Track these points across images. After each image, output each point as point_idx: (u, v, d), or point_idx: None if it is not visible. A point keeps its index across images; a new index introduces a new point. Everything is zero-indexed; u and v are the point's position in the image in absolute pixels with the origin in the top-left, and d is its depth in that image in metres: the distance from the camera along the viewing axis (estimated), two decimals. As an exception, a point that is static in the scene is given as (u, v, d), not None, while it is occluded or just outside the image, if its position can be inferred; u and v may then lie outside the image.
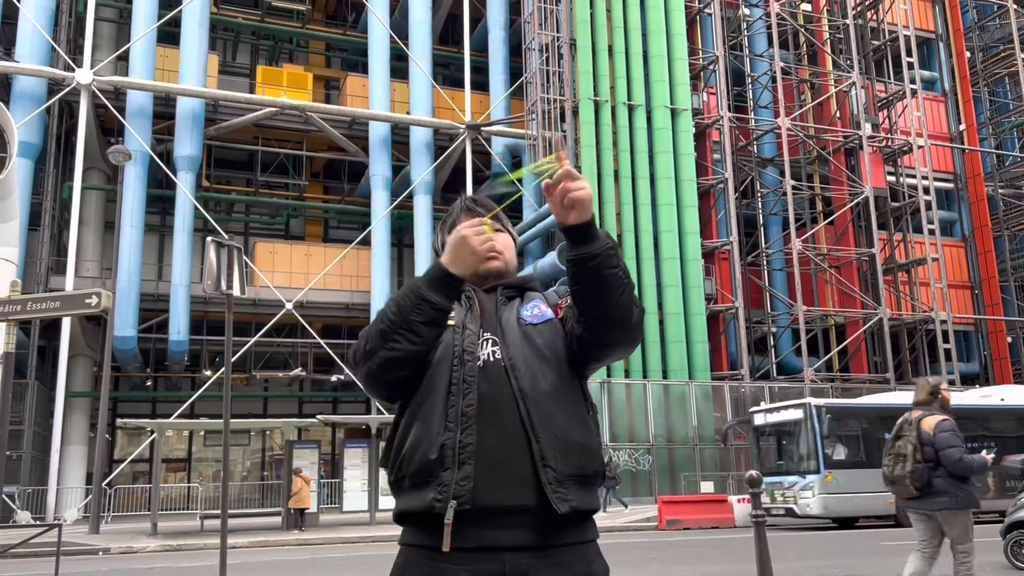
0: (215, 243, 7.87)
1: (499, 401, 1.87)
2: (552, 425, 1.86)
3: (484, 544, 1.80)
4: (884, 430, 16.90)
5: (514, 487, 1.81)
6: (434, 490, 1.81)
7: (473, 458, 1.81)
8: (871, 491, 16.45)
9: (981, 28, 36.65)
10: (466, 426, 1.83)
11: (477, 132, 27.57)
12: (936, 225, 29.98)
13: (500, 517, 1.80)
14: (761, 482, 6.73)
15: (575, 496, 1.84)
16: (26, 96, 23.17)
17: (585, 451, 1.89)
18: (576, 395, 1.96)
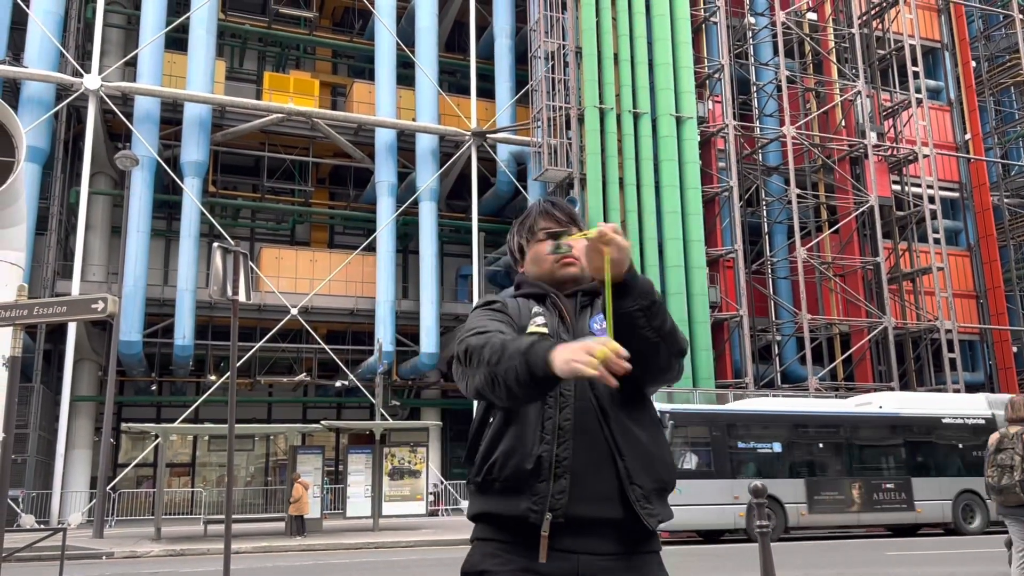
0: (221, 249, 7.91)
1: (587, 416, 1.92)
2: (635, 442, 1.92)
3: (563, 548, 1.86)
4: (737, 439, 16.73)
5: (600, 501, 1.87)
6: (528, 500, 1.85)
7: (568, 472, 1.86)
8: (721, 503, 15.99)
9: (987, 38, 36.64)
10: (563, 440, 1.88)
11: (483, 139, 27.63)
12: (941, 234, 29.94)
13: (582, 527, 1.87)
14: (764, 492, 6.73)
15: (659, 509, 1.93)
16: (34, 101, 23.30)
17: (664, 465, 1.98)
18: (648, 409, 2.02)
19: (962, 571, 10.71)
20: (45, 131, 23.44)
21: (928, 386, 29.27)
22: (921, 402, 19.81)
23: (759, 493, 6.66)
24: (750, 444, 16.93)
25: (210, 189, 28.33)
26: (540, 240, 2.18)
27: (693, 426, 16.97)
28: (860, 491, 17.50)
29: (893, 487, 17.66)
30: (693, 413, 17.78)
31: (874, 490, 17.54)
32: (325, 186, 32.71)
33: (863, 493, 17.43)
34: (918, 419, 18.63)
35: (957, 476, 18.06)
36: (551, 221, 2.18)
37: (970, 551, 13.94)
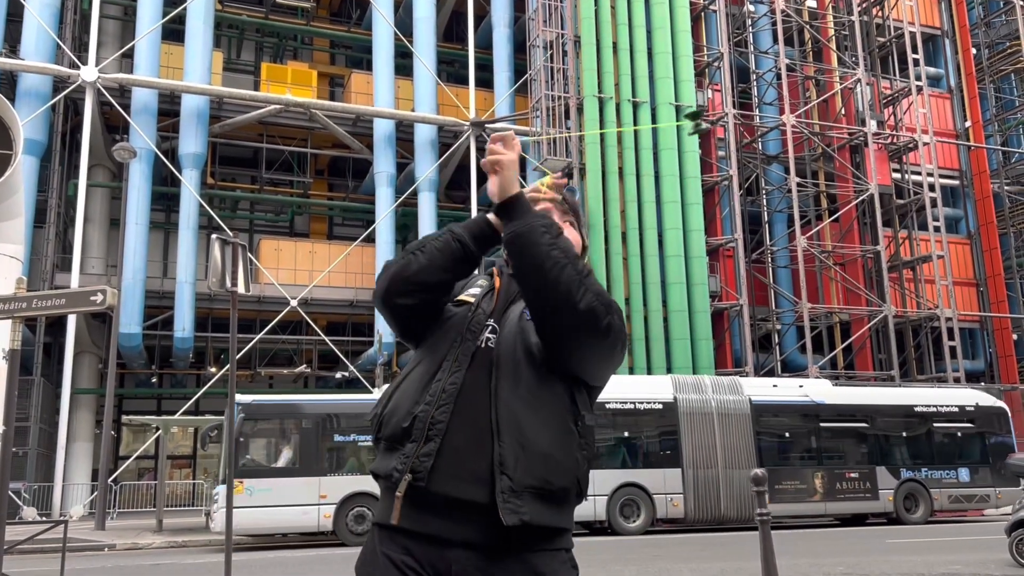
0: (219, 240, 7.88)
1: (478, 391, 1.83)
2: (518, 431, 1.77)
3: (432, 532, 1.77)
4: (330, 432, 15.34)
5: (469, 482, 1.76)
6: (397, 459, 1.81)
7: (440, 437, 1.78)
8: (301, 504, 14.74)
9: (987, 24, 36.50)
10: (443, 404, 1.81)
11: (481, 129, 27.55)
12: (941, 222, 29.91)
13: (450, 509, 1.77)
14: (764, 481, 6.72)
15: (530, 510, 1.74)
16: (31, 94, 23.22)
17: (552, 464, 1.78)
18: (560, 402, 1.84)
19: (963, 558, 10.73)
20: (42, 124, 23.36)
21: (928, 374, 29.30)
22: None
23: (760, 481, 6.65)
24: (349, 437, 15.56)
25: (208, 181, 28.26)
26: None
27: (271, 419, 15.62)
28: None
29: None
30: (264, 405, 15.92)
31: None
32: (324, 177, 32.65)
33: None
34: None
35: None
36: (556, 201, 2.16)
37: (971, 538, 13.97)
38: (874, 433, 18.29)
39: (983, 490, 18.53)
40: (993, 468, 18.63)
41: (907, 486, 17.96)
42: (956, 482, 18.40)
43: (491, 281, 2.05)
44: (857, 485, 17.66)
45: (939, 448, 18.67)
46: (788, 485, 17.16)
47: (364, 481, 14.98)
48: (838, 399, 18.43)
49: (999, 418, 19.33)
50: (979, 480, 18.59)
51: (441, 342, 1.91)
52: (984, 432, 19.07)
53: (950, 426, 18.87)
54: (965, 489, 18.38)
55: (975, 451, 18.93)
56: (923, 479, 18.13)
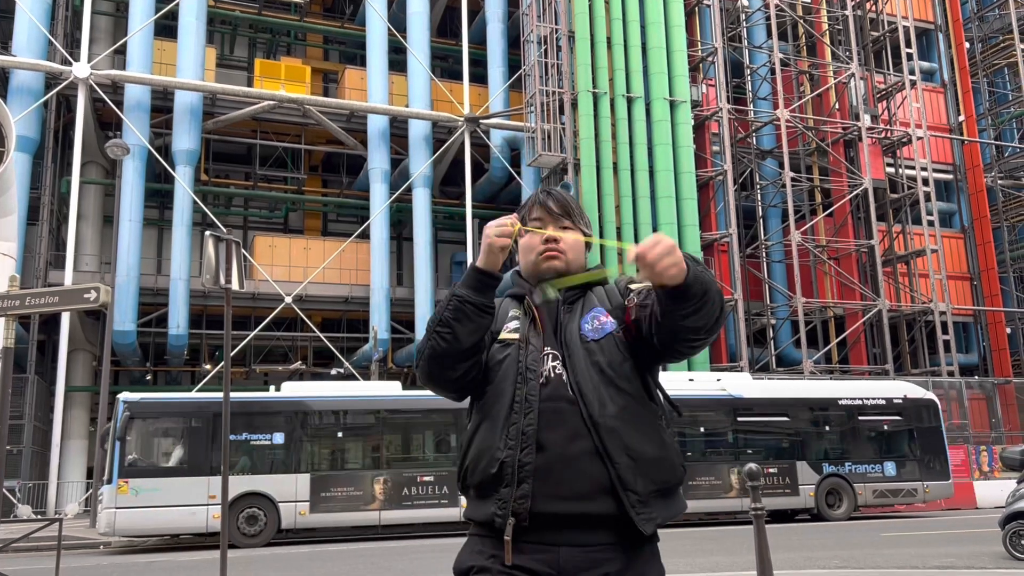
0: (213, 237, 7.85)
1: (562, 418, 1.91)
2: (626, 448, 1.88)
3: (542, 541, 1.88)
4: (214, 431, 14.82)
5: (574, 500, 1.86)
6: (495, 504, 1.90)
7: (531, 477, 1.87)
8: (190, 504, 14.32)
9: (980, 18, 36.56)
10: (526, 445, 1.89)
11: (476, 125, 27.52)
12: (935, 216, 29.98)
13: (558, 522, 1.87)
14: (760, 475, 6.74)
15: (659, 511, 1.90)
16: (23, 90, 23.12)
17: (663, 465, 1.93)
18: (646, 408, 1.97)
19: (957, 551, 10.77)
20: (35, 120, 23.27)
21: (922, 368, 29.40)
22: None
23: (754, 476, 6.67)
24: (241, 436, 15.07)
25: (202, 177, 28.19)
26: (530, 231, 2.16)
27: (158, 418, 15.20)
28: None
29: None
30: (157, 402, 15.60)
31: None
32: (318, 173, 32.58)
33: (388, 488, 15.49)
34: None
35: None
36: (543, 211, 2.13)
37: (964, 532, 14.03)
38: (795, 427, 17.80)
39: (910, 484, 18.03)
40: (921, 462, 18.23)
41: (829, 481, 17.45)
42: (881, 476, 17.89)
43: (527, 311, 2.07)
44: (776, 481, 17.11)
45: (864, 442, 18.17)
46: (702, 481, 16.62)
47: (256, 481, 14.86)
48: (757, 393, 17.91)
49: (929, 411, 18.76)
50: (906, 474, 18.08)
51: (503, 384, 1.98)
52: (913, 425, 18.54)
53: (876, 419, 18.38)
54: (891, 484, 17.88)
55: (903, 444, 18.46)
56: (846, 474, 17.62)
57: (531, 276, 2.12)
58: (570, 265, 2.09)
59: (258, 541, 14.63)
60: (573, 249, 2.10)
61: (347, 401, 16.13)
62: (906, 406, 18.63)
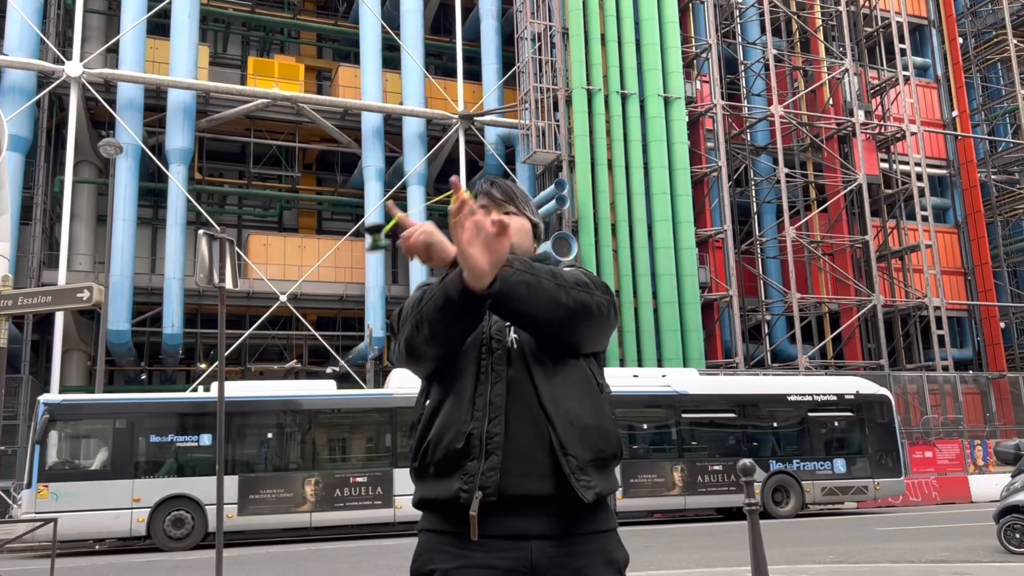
0: (207, 236, 7.83)
1: (523, 388, 1.86)
2: (565, 412, 1.84)
3: (510, 532, 1.79)
4: (148, 431, 14.70)
5: (539, 476, 1.80)
6: (460, 480, 1.79)
7: (500, 448, 1.79)
8: (113, 508, 14.05)
9: (973, 14, 36.62)
10: (494, 416, 1.82)
11: (470, 122, 27.49)
12: (929, 211, 30.04)
13: (526, 506, 1.80)
14: (753, 471, 6.75)
15: (597, 481, 1.84)
16: (15, 90, 23.02)
17: (601, 433, 1.88)
18: (585, 378, 1.92)
19: (952, 545, 10.80)
20: (27, 120, 23.18)
21: (917, 363, 29.48)
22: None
23: (748, 472, 6.68)
24: (167, 438, 14.92)
25: (196, 176, 28.12)
26: None
27: (80, 420, 14.86)
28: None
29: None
30: (78, 404, 15.26)
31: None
32: (312, 171, 32.52)
33: (319, 489, 15.07)
34: None
35: None
36: (487, 199, 2.12)
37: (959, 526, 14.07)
38: (741, 424, 17.59)
39: (860, 481, 17.76)
40: (873, 459, 17.96)
41: (776, 478, 17.21)
42: (831, 473, 17.62)
43: None
44: (721, 478, 16.84)
45: (813, 438, 17.90)
46: (644, 479, 16.43)
47: (182, 483, 14.62)
48: (702, 389, 17.64)
49: (882, 407, 18.47)
50: (857, 471, 17.84)
51: (466, 359, 1.89)
52: (865, 421, 18.24)
53: (826, 415, 18.11)
54: (840, 481, 17.62)
55: (854, 441, 18.19)
56: (794, 471, 17.36)
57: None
58: (515, 247, 2.02)
59: (185, 545, 14.35)
60: (517, 232, 2.06)
61: (277, 401, 15.69)
62: (858, 402, 18.34)
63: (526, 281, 1.79)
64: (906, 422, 26.08)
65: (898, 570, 8.46)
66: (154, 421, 15.05)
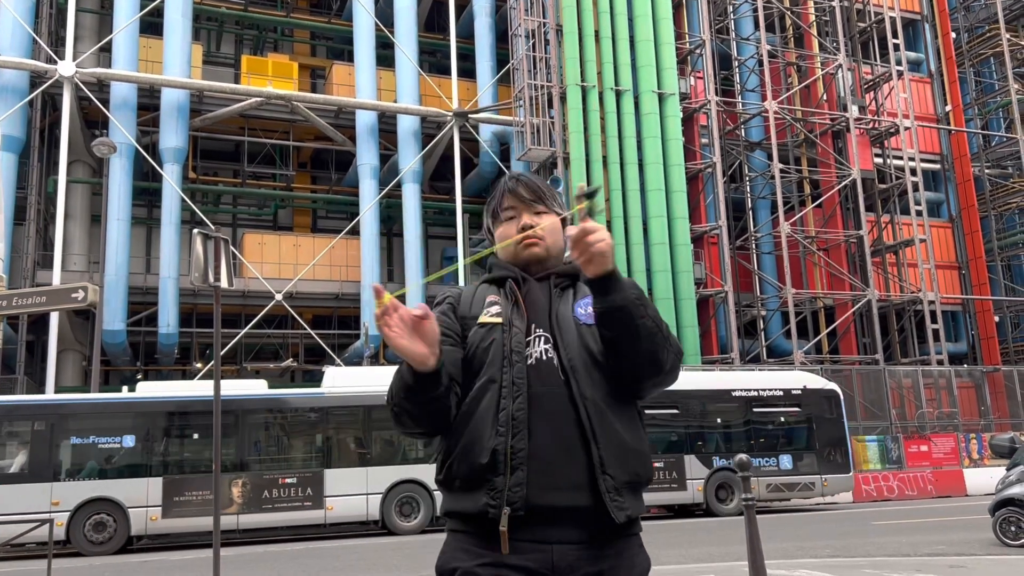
0: (202, 235, 7.82)
1: (553, 401, 1.87)
2: (612, 432, 1.86)
3: (535, 538, 1.82)
4: (68, 433, 14.41)
5: (568, 490, 1.82)
6: (487, 495, 1.81)
7: (525, 463, 1.81)
8: (32, 512, 13.47)
9: (966, 8, 36.68)
10: (518, 431, 1.83)
11: (465, 119, 27.47)
12: (923, 206, 30.11)
13: (552, 516, 1.82)
14: (750, 466, 6.77)
15: (630, 504, 1.86)
16: (8, 89, 22.94)
17: (640, 458, 1.91)
18: (630, 401, 1.96)
19: (948, 538, 10.85)
20: (20, 119, 23.10)
21: (912, 357, 29.56)
22: None
23: (744, 467, 6.69)
24: (88, 439, 14.55)
25: (190, 175, 28.05)
26: (504, 220, 2.11)
27: (0, 422, 14.43)
28: (242, 488, 14.99)
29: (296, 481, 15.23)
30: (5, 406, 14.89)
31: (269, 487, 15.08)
32: (307, 170, 32.46)
33: (247, 491, 14.81)
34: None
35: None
36: (515, 199, 2.09)
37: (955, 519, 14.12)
38: (684, 420, 17.31)
39: (807, 477, 17.52)
40: (820, 454, 17.71)
41: (719, 475, 16.94)
42: (776, 470, 17.36)
43: (509, 295, 2.02)
44: (662, 475, 16.63)
45: (759, 434, 17.72)
46: None
47: (104, 486, 14.35)
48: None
49: (830, 401, 18.23)
50: (804, 467, 17.60)
51: (490, 370, 1.90)
52: (812, 416, 18.01)
53: (773, 411, 17.92)
54: (786, 477, 17.36)
55: (801, 437, 17.96)
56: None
57: (512, 265, 2.08)
58: (550, 249, 2.06)
59: (106, 549, 14.01)
60: (551, 233, 2.07)
61: (202, 401, 15.13)
62: (805, 397, 18.12)
63: (642, 305, 1.87)
64: (901, 416, 26.16)
65: (894, 564, 8.49)
66: (74, 422, 14.74)
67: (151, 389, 15.85)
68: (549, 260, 2.07)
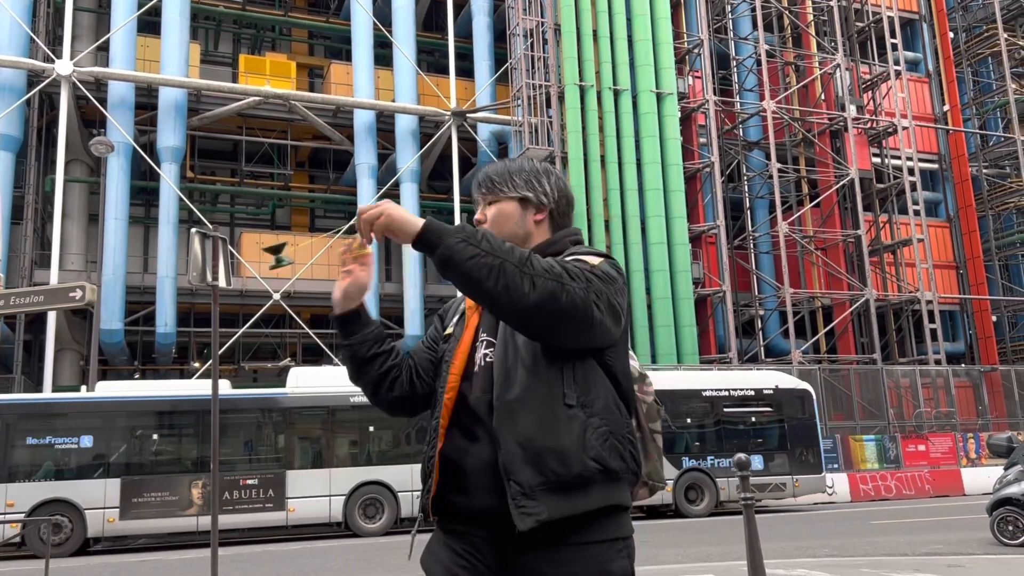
0: (199, 234, 7.81)
1: (478, 408, 1.88)
2: (515, 433, 1.77)
3: (468, 537, 1.90)
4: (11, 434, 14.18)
5: (479, 493, 1.82)
6: (425, 498, 1.96)
7: (434, 472, 1.90)
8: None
9: (964, 8, 36.71)
10: (432, 441, 1.93)
11: (463, 119, 27.46)
12: (921, 206, 30.13)
13: (472, 517, 1.86)
14: (749, 465, 6.76)
15: (548, 507, 1.72)
16: (5, 88, 22.89)
17: (560, 456, 1.75)
18: (555, 391, 1.80)
19: (945, 537, 10.86)
20: (17, 118, 23.06)
21: (910, 356, 29.58)
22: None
23: (743, 466, 6.70)
24: (44, 440, 14.41)
25: (188, 174, 28.01)
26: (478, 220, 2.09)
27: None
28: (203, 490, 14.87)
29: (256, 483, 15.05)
30: None
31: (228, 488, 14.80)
32: (304, 169, 32.43)
33: (207, 492, 14.68)
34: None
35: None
36: (477, 194, 2.11)
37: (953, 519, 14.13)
38: None
39: (778, 478, 17.34)
40: (792, 455, 17.58)
41: (689, 476, 16.85)
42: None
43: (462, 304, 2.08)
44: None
45: (729, 435, 17.56)
46: None
47: (60, 487, 14.17)
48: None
49: (802, 401, 18.09)
50: (775, 468, 17.42)
51: (439, 382, 2.02)
52: (784, 416, 17.89)
53: (743, 411, 17.80)
54: (758, 478, 16.96)
55: (773, 437, 17.84)
56: (708, 469, 17.01)
57: None
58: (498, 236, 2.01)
59: (63, 551, 13.79)
60: (494, 223, 2.03)
61: (162, 401, 15.26)
62: (777, 397, 18.01)
63: (468, 244, 1.73)
64: (899, 416, 26.18)
65: (892, 563, 8.50)
66: (30, 422, 14.55)
67: (110, 389, 15.74)
68: None
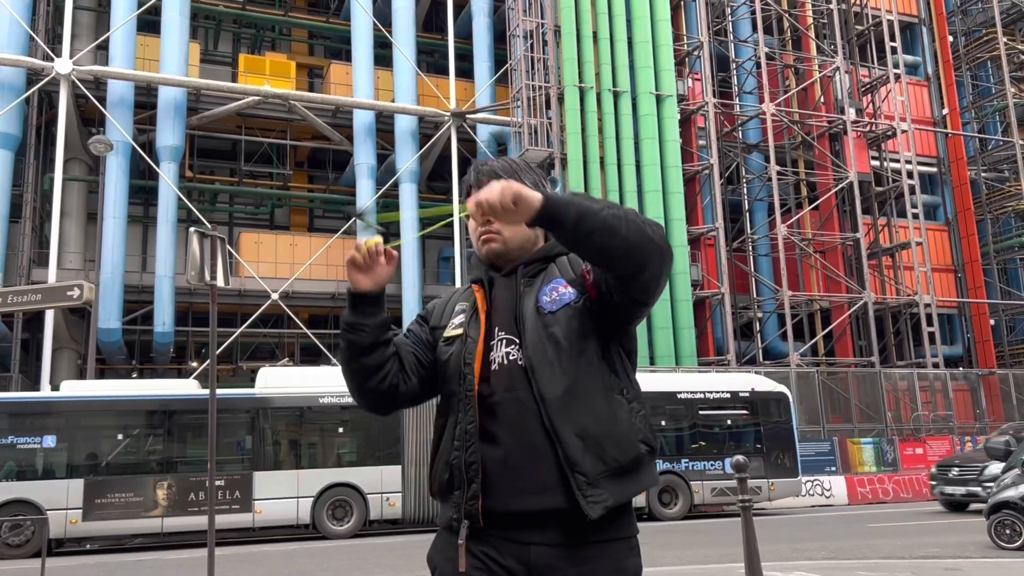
0: (198, 233, 7.80)
1: (514, 406, 1.84)
2: (574, 426, 1.80)
3: (510, 539, 1.83)
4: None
5: (536, 493, 1.79)
6: (452, 509, 1.87)
7: (479, 476, 1.82)
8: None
9: (964, 12, 36.76)
10: (469, 444, 1.84)
11: (462, 120, 27.46)
12: (920, 209, 30.15)
13: (524, 520, 1.81)
14: (746, 467, 6.76)
15: (610, 493, 1.80)
16: (4, 86, 22.87)
17: (617, 442, 1.83)
18: (601, 381, 1.86)
19: (943, 541, 10.86)
20: (16, 117, 23.04)
21: (908, 360, 29.59)
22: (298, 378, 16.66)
23: (741, 468, 6.69)
24: (7, 439, 14.22)
25: (187, 174, 28.00)
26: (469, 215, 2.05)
27: None
28: (168, 491, 14.60)
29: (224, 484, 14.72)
30: None
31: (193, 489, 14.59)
32: (304, 169, 32.43)
33: (172, 493, 14.54)
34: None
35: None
36: (474, 186, 2.06)
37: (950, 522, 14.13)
38: None
39: (753, 482, 16.86)
40: (768, 458, 17.48)
41: (663, 479, 16.64)
42: (721, 474, 17.06)
43: (473, 298, 2.01)
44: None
45: (704, 438, 17.48)
46: None
47: (21, 488, 14.03)
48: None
49: (778, 404, 18.01)
50: (750, 471, 17.26)
51: (451, 384, 1.94)
52: (760, 419, 17.82)
53: (719, 414, 17.68)
54: (732, 481, 16.79)
55: (748, 440, 17.73)
56: (682, 472, 16.91)
57: (483, 263, 2.06)
58: (508, 241, 1.99)
59: (24, 552, 13.65)
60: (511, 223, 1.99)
61: (127, 401, 15.09)
62: (753, 400, 17.90)
63: (601, 207, 1.74)
64: (897, 419, 26.19)
65: (890, 566, 8.50)
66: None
67: (75, 388, 15.64)
68: (511, 252, 2.00)
